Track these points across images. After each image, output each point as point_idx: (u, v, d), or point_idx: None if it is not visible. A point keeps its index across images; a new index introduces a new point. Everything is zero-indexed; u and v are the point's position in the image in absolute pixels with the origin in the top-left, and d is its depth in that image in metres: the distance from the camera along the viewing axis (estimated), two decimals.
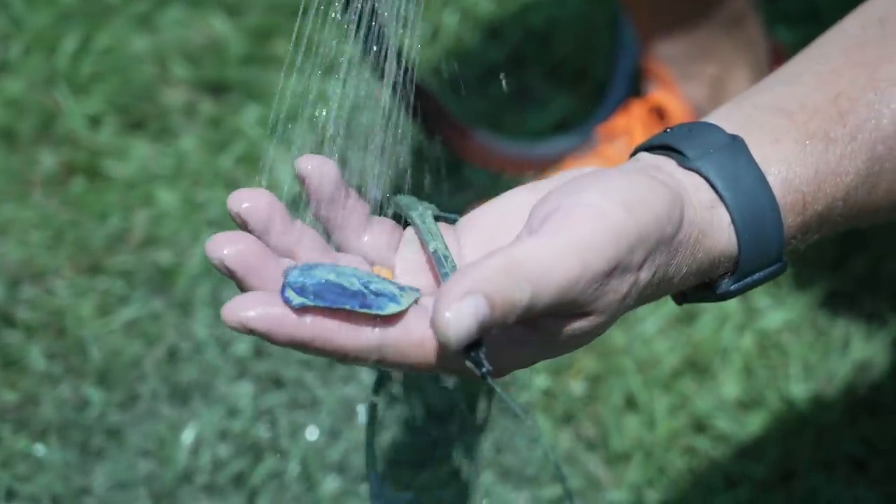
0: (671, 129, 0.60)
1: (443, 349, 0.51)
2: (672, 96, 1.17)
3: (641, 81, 1.21)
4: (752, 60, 1.18)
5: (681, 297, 0.59)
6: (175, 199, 1.24)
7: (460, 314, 0.48)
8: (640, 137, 1.17)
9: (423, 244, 0.56)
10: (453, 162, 1.26)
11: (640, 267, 0.53)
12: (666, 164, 0.57)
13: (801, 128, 0.59)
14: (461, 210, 0.59)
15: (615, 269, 0.52)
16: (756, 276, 0.58)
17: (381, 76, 0.64)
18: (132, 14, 1.43)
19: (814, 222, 0.59)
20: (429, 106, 1.17)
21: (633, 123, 1.20)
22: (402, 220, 0.59)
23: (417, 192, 0.91)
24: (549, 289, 0.51)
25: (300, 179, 0.56)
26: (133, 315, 1.15)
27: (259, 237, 0.53)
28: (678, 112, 1.17)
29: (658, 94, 1.17)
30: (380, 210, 0.60)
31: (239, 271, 0.51)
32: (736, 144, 0.57)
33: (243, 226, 0.53)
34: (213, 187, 1.26)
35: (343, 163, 0.60)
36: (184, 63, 1.38)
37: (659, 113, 1.17)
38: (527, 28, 1.44)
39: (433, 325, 0.49)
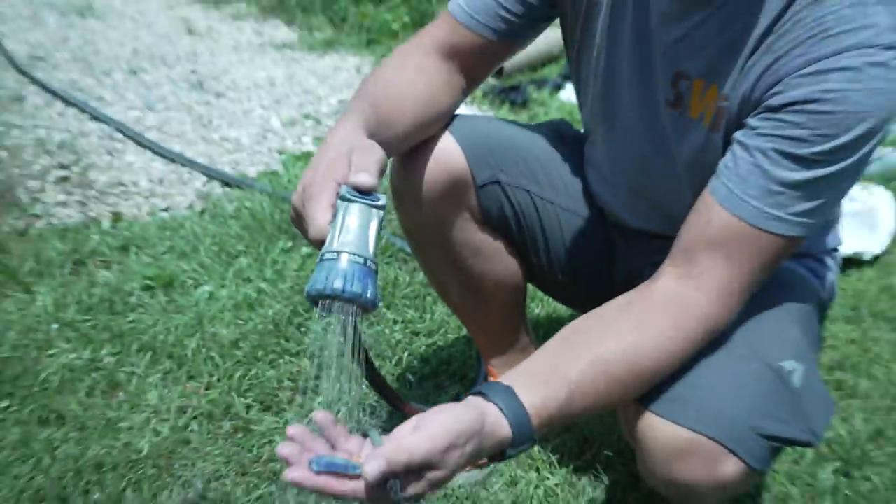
0: (484, 384, 0.90)
1: (377, 489, 0.81)
2: None
3: None
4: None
5: (489, 459, 0.87)
6: None
7: (371, 468, 0.81)
8: None
9: (373, 444, 0.86)
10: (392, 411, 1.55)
11: (465, 445, 0.84)
12: (478, 399, 0.91)
13: (537, 382, 0.94)
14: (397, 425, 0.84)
15: (450, 447, 0.82)
16: (520, 447, 0.90)
17: (356, 363, 0.92)
18: None
19: (546, 421, 0.91)
20: (378, 381, 1.12)
21: None
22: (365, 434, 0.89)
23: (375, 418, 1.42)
24: (414, 456, 0.82)
25: (316, 424, 0.85)
26: None
27: (302, 445, 0.84)
28: None
29: None
30: (357, 430, 0.87)
31: (292, 457, 0.83)
32: (509, 389, 0.91)
33: (291, 441, 0.84)
34: None
35: (336, 404, 0.88)
36: None
37: None
38: None
39: (362, 473, 0.80)
